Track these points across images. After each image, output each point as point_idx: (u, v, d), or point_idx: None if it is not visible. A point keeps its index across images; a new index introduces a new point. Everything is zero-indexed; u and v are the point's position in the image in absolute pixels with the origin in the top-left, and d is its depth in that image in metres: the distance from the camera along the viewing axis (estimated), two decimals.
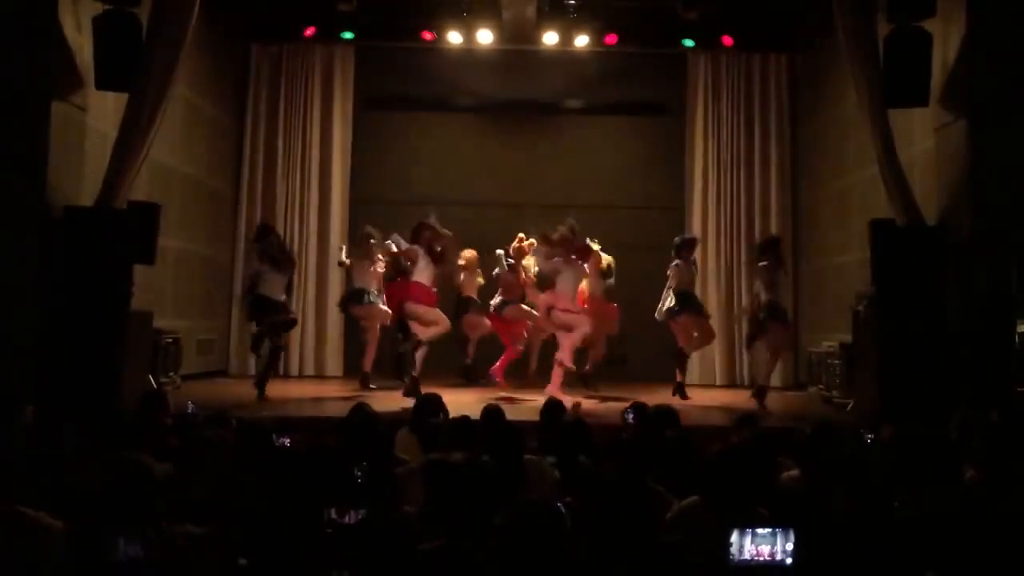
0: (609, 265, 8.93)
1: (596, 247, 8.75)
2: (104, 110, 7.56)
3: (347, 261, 9.01)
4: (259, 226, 8.93)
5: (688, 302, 8.44)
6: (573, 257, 8.32)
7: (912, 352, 6.85)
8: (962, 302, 6.91)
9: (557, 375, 8.15)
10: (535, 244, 8.69)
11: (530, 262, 8.89)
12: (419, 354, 8.28)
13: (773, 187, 11.21)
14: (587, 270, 8.59)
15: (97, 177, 7.07)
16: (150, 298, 8.07)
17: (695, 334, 8.56)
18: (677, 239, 8.77)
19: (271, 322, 8.16)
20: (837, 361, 8.63)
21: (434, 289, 8.22)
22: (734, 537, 2.57)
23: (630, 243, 9.23)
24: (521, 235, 9.02)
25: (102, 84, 7.12)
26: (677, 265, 8.45)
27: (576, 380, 8.73)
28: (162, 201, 7.74)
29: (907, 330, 6.90)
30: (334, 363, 11.11)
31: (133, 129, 7.01)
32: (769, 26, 11.01)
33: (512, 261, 8.86)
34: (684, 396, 8.43)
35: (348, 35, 10.65)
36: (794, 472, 3.80)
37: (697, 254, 10.84)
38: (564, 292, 8.27)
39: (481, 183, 11.54)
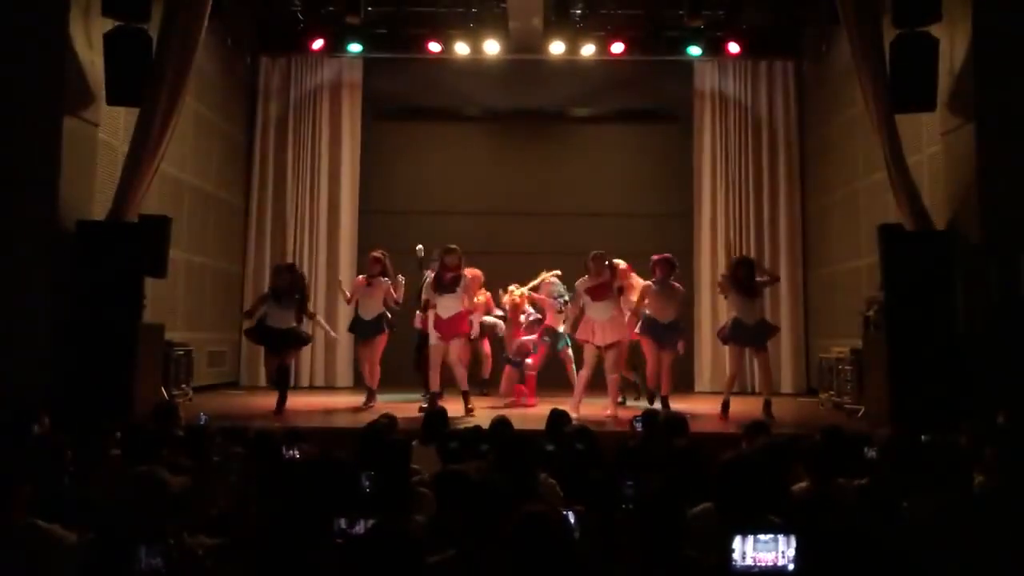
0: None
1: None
2: (115, 125, 7.66)
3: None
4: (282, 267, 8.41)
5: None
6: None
7: (922, 357, 6.82)
8: (972, 306, 6.88)
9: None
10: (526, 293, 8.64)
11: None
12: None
13: (781, 193, 11.21)
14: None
15: (109, 191, 7.16)
16: (162, 310, 8.12)
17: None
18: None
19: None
20: (848, 367, 8.59)
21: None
22: (736, 543, 2.53)
23: (639, 251, 9.21)
24: (512, 288, 8.77)
25: (113, 99, 7.19)
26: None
27: (643, 393, 8.59)
28: (173, 214, 7.79)
29: (917, 335, 6.88)
30: (344, 374, 11.14)
31: (144, 143, 7.07)
32: (775, 33, 11.01)
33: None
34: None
35: (356, 48, 10.68)
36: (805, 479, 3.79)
37: (705, 263, 10.95)
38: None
39: (488, 192, 11.57)
